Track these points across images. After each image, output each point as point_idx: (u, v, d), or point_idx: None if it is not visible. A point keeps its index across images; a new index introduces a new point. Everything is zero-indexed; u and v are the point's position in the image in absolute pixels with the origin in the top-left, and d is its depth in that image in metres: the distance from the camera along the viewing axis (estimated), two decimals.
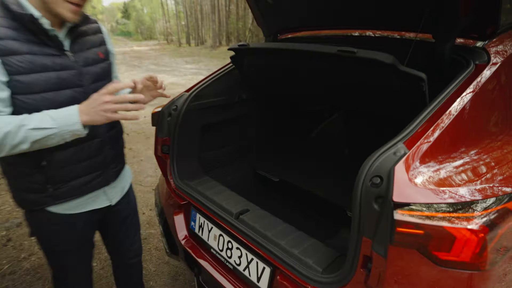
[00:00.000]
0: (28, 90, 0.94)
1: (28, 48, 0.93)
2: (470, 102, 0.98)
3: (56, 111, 0.94)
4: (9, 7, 0.91)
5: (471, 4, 1.07)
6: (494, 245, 0.76)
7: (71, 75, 1.02)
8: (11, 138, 0.87)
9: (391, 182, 0.77)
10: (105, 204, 1.25)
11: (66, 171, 1.07)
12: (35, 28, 0.93)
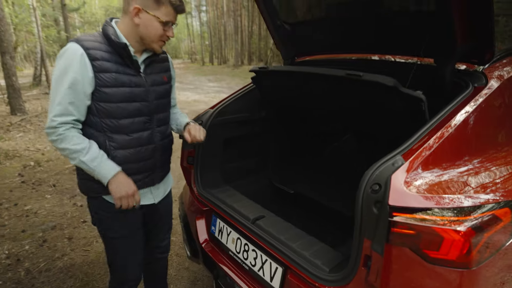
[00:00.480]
0: (108, 100, 1.22)
1: (115, 68, 1.21)
2: (466, 120, 1.09)
3: (105, 161, 1.22)
4: (109, 36, 1.20)
5: (467, 33, 1.19)
6: (480, 247, 0.85)
7: (141, 92, 1.29)
8: (67, 153, 1.20)
9: (388, 188, 0.89)
10: (150, 202, 1.45)
11: (124, 167, 1.28)
12: (124, 53, 1.22)
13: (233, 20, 32.36)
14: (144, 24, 1.21)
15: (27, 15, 12.83)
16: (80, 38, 1.20)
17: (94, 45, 1.19)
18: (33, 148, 5.44)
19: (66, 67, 1.16)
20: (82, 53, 1.16)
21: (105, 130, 1.25)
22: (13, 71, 7.70)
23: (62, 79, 1.16)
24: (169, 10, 1.21)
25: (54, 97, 1.18)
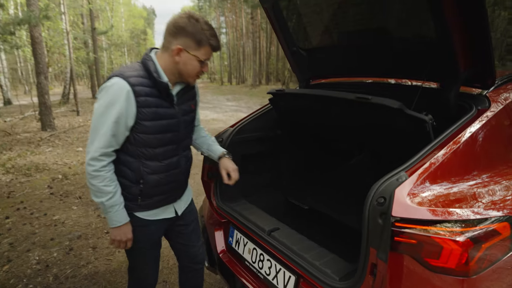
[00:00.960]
0: (147, 131, 1.31)
1: (155, 102, 1.30)
2: (469, 140, 1.17)
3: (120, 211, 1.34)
4: (151, 74, 1.29)
5: (468, 60, 1.29)
6: (478, 257, 0.92)
7: (174, 123, 1.39)
8: (95, 189, 1.29)
9: (391, 201, 0.98)
10: (172, 215, 1.56)
11: (154, 190, 1.41)
12: (162, 89, 1.32)
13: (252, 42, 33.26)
14: (184, 62, 1.30)
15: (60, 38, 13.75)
16: (125, 73, 1.26)
17: (139, 81, 1.27)
18: (61, 162, 5.75)
19: (112, 102, 1.22)
20: (128, 90, 1.23)
21: (140, 157, 1.34)
22: (46, 90, 8.25)
23: (107, 113, 1.23)
24: (208, 50, 1.31)
25: (98, 128, 1.24)
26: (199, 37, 1.26)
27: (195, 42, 1.27)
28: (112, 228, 1.37)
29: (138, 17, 34.57)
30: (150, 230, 1.49)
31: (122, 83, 1.23)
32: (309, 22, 1.93)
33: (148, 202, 1.43)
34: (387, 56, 1.65)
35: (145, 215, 1.45)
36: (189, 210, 1.68)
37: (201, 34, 1.27)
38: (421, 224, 0.95)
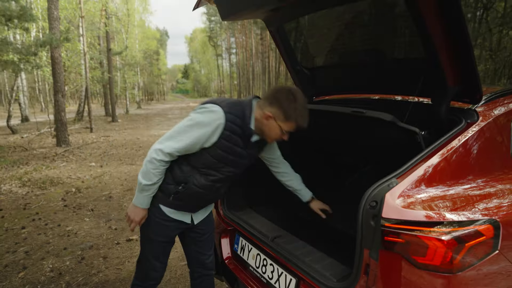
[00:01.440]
0: (214, 156, 1.46)
1: (235, 140, 1.46)
2: (457, 149, 1.27)
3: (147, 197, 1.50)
4: (245, 120, 1.45)
5: (455, 78, 1.40)
6: (462, 256, 0.99)
7: (239, 162, 1.54)
8: (145, 171, 1.45)
9: (382, 204, 1.07)
10: (188, 222, 1.68)
11: (187, 197, 1.55)
12: (246, 134, 1.48)
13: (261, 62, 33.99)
14: (269, 126, 1.47)
15: (78, 58, 14.38)
16: (227, 107, 1.42)
17: (232, 118, 1.42)
18: (74, 176, 5.95)
19: (204, 124, 1.39)
20: (221, 123, 1.40)
21: (195, 169, 1.50)
22: (62, 107, 8.60)
23: (195, 129, 1.40)
24: (292, 126, 1.46)
25: (180, 133, 1.41)
26: (289, 113, 1.42)
27: (284, 116, 1.43)
28: (133, 205, 1.53)
29: (151, 39, 35.83)
30: (168, 226, 1.62)
31: (221, 115, 1.40)
32: (311, 44, 2.08)
33: (175, 203, 1.57)
34: (383, 75, 1.77)
35: (168, 211, 1.59)
36: (207, 221, 1.79)
37: (292, 111, 1.42)
38: (409, 225, 1.03)
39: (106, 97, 19.97)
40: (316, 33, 2.01)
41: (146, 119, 18.70)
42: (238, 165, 1.55)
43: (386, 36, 1.67)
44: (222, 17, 1.82)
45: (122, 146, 9.34)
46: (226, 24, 48.13)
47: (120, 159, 7.45)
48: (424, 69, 1.47)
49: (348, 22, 1.76)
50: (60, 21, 8.58)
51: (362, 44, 1.83)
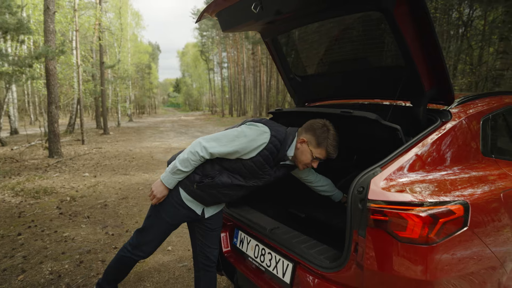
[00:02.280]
0: (245, 165, 1.63)
1: (267, 158, 1.64)
2: (433, 143, 1.44)
3: (176, 179, 1.67)
4: (285, 146, 1.65)
5: (430, 83, 1.59)
6: (436, 230, 1.15)
7: (263, 177, 1.71)
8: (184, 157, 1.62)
9: (368, 189, 1.23)
10: (199, 213, 1.81)
11: (206, 189, 1.70)
12: (280, 156, 1.65)
13: (253, 76, 34.47)
14: (302, 151, 1.66)
15: (70, 71, 14.45)
16: (274, 131, 1.63)
17: (275, 142, 1.63)
18: (68, 186, 5.96)
19: (250, 139, 1.58)
20: (264, 143, 1.59)
21: (225, 170, 1.68)
22: (56, 118, 8.63)
23: (239, 140, 1.58)
24: (323, 152, 1.65)
25: (222, 141, 1.59)
26: (321, 140, 1.63)
27: (317, 142, 1.63)
28: (161, 181, 1.69)
29: (143, 53, 36.17)
30: (179, 211, 1.75)
31: (267, 137, 1.60)
32: (303, 54, 2.27)
33: (195, 191, 1.72)
34: (368, 81, 1.97)
35: (184, 197, 1.74)
36: (217, 218, 1.92)
37: (323, 139, 1.62)
38: (392, 205, 1.19)
39: (97, 110, 19.95)
40: (307, 44, 2.20)
41: (137, 131, 18.70)
42: (263, 180, 1.74)
43: (370, 47, 1.87)
44: (222, 29, 2.00)
45: (115, 157, 9.35)
46: (218, 39, 48.91)
47: (113, 170, 7.48)
48: (403, 76, 1.66)
49: (336, 34, 1.96)
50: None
51: (349, 54, 2.02)
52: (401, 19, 1.41)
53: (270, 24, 1.98)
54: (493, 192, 1.42)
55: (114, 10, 22.94)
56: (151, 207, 1.82)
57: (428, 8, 1.37)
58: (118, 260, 1.92)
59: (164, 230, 1.82)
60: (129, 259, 1.87)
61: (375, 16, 1.62)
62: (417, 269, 1.15)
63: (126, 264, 1.91)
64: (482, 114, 1.74)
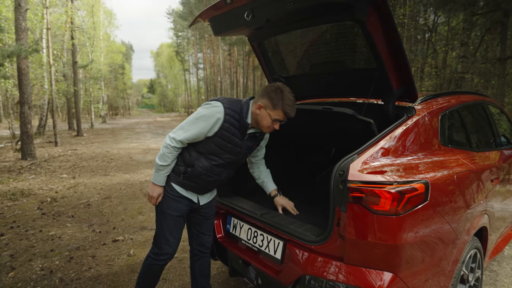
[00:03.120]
0: (217, 144, 1.79)
1: (233, 131, 1.78)
2: (400, 134, 1.70)
3: (163, 176, 1.83)
4: (242, 114, 1.78)
5: (398, 83, 1.86)
6: (403, 203, 1.40)
7: (236, 150, 1.85)
8: (161, 154, 1.78)
9: (347, 172, 1.46)
10: (195, 201, 1.96)
11: (193, 178, 1.85)
12: (243, 128, 1.80)
13: (229, 77, 34.56)
14: (261, 116, 1.78)
15: (41, 71, 13.94)
16: (227, 104, 1.75)
17: (231, 113, 1.75)
18: (46, 188, 5.86)
19: (206, 116, 1.72)
20: (220, 118, 1.72)
21: (201, 154, 1.82)
22: (29, 119, 8.38)
23: (200, 121, 1.72)
24: (280, 114, 1.75)
25: (188, 126, 1.74)
26: (276, 102, 1.74)
27: (272, 103, 1.75)
28: (152, 183, 1.85)
29: (117, 52, 35.25)
30: (179, 202, 1.90)
31: (221, 109, 1.73)
32: (287, 56, 2.49)
33: (184, 182, 1.87)
34: (345, 81, 2.22)
35: (179, 189, 1.88)
36: (210, 206, 2.07)
37: (279, 101, 1.74)
38: (367, 184, 1.42)
39: (69, 111, 19.31)
40: (291, 47, 2.42)
41: (113, 133, 18.29)
42: (236, 153, 1.87)
43: (346, 51, 2.12)
44: (214, 34, 2.18)
45: (92, 159, 9.20)
46: (193, 40, 48.51)
47: (92, 171, 7.39)
48: (375, 76, 1.92)
49: (316, 39, 2.20)
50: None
51: (327, 57, 2.27)
52: (372, 28, 1.66)
53: (258, 30, 2.18)
54: (449, 174, 1.70)
55: (86, 8, 22.27)
56: (156, 211, 1.94)
57: (393, 18, 1.63)
58: (146, 271, 1.99)
59: (175, 225, 1.92)
60: (157, 266, 1.97)
61: (350, 25, 1.87)
62: (388, 235, 1.39)
63: (155, 272, 1.99)
64: (441, 110, 2.04)
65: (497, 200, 2.29)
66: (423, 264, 1.51)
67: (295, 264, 1.68)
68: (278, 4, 1.68)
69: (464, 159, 1.98)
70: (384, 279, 1.43)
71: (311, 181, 3.09)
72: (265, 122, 1.79)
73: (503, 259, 3.12)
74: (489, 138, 2.70)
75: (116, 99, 39.85)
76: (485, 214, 2.04)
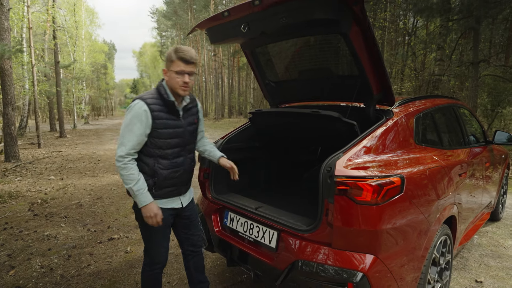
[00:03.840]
0: (159, 137, 1.84)
1: (165, 115, 1.82)
2: (380, 135, 1.93)
3: (144, 194, 1.79)
4: (162, 95, 1.83)
5: (377, 88, 2.09)
6: (382, 194, 1.62)
7: (180, 131, 1.91)
8: (124, 178, 1.77)
9: (334, 168, 1.67)
10: (179, 206, 2.04)
11: (164, 182, 1.91)
12: (170, 106, 1.86)
13: (215, 77, 34.51)
14: (169, 78, 1.80)
15: (22, 71, 13.63)
16: (144, 96, 1.78)
17: (153, 101, 1.77)
18: (34, 190, 5.84)
19: (135, 118, 1.73)
20: (146, 109, 1.74)
21: (155, 156, 1.83)
22: (12, 120, 8.25)
23: (132, 126, 1.73)
24: (178, 62, 1.75)
25: (125, 137, 1.74)
26: (169, 57, 1.78)
27: (169, 60, 1.79)
28: (142, 207, 1.80)
29: (99, 52, 34.58)
30: (163, 214, 1.90)
31: (141, 103, 1.76)
32: (277, 63, 2.70)
33: (160, 192, 1.89)
34: (330, 86, 2.44)
35: (158, 203, 1.88)
36: (191, 207, 2.15)
37: (172, 54, 1.77)
38: (352, 178, 1.64)
39: (51, 112, 18.90)
40: (281, 55, 2.63)
41: (97, 134, 18.05)
42: (181, 134, 1.90)
43: (331, 59, 2.34)
44: (211, 42, 2.36)
45: (78, 160, 9.13)
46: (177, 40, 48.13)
47: (80, 172, 7.38)
48: (358, 82, 2.14)
49: (304, 48, 2.41)
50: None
51: (315, 64, 2.48)
52: (354, 39, 1.88)
53: (251, 39, 2.37)
54: (422, 169, 1.94)
55: (68, 7, 21.83)
56: (140, 228, 1.99)
57: (373, 31, 1.86)
58: (146, 281, 2.08)
59: (163, 237, 1.99)
60: (153, 275, 2.05)
61: (336, 36, 2.08)
62: (369, 222, 1.61)
63: (154, 280, 2.07)
64: (416, 112, 2.29)
65: (465, 193, 2.56)
66: (400, 247, 1.74)
67: (288, 251, 1.87)
68: (272, 18, 1.87)
69: (436, 156, 2.24)
70: (367, 261, 1.65)
71: (300, 177, 3.31)
72: (174, 82, 1.79)
73: (472, 247, 3.44)
74: (459, 137, 2.99)
75: (98, 100, 39.08)
76: (454, 205, 2.30)
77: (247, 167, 2.93)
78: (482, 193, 3.11)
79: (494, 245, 3.48)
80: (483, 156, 3.17)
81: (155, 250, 2.03)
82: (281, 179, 3.25)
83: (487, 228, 3.98)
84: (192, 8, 40.07)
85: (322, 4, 1.71)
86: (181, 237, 2.18)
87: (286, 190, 3.09)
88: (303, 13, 1.75)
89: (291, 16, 1.79)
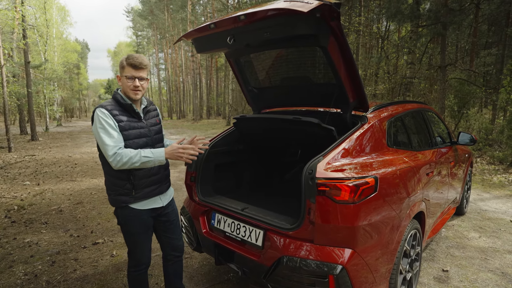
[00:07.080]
0: (127, 138, 1.93)
1: (126, 118, 1.94)
2: (356, 138, 2.11)
3: (154, 150, 1.91)
4: (119, 101, 1.95)
5: (353, 95, 2.27)
6: (358, 194, 1.80)
7: (145, 131, 2.03)
8: (130, 159, 1.81)
9: (315, 170, 1.83)
10: (160, 205, 2.12)
11: (142, 182, 1.99)
12: (129, 109, 1.97)
13: (192, 78, 34.23)
14: (122, 83, 1.94)
15: None
16: (102, 104, 1.91)
17: (112, 107, 1.90)
18: (9, 196, 5.67)
19: (102, 120, 1.84)
20: (107, 113, 1.86)
21: None
22: None
23: (104, 127, 1.83)
24: (128, 69, 1.89)
25: (104, 138, 1.81)
26: (121, 63, 1.93)
27: (120, 67, 1.94)
28: (167, 157, 1.92)
29: (71, 51, 33.42)
30: (142, 218, 2.03)
31: (102, 110, 1.88)
32: (259, 70, 2.83)
33: (140, 193, 1.97)
34: (310, 93, 2.61)
35: (138, 206, 1.99)
36: (172, 209, 2.22)
37: (123, 61, 1.92)
38: (331, 180, 1.80)
39: (21, 114, 18.11)
40: (264, 63, 2.77)
41: (71, 137, 17.49)
42: (147, 134, 2.02)
43: (310, 68, 2.50)
44: (197, 51, 2.46)
45: (54, 164, 8.87)
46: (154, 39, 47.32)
47: (57, 177, 7.20)
48: (335, 89, 2.32)
49: (286, 57, 2.56)
50: None
51: (295, 72, 2.64)
52: (332, 52, 2.05)
53: (235, 49, 2.50)
54: (393, 170, 2.14)
55: (38, 5, 20.98)
56: (123, 233, 2.07)
57: (348, 45, 2.04)
58: (133, 282, 2.15)
59: (145, 239, 2.08)
60: (139, 276, 2.13)
61: (315, 49, 2.25)
62: (347, 219, 1.78)
63: (140, 281, 2.15)
64: (389, 117, 2.50)
65: (432, 190, 2.81)
66: (375, 241, 1.93)
67: (274, 248, 2.01)
68: (257, 33, 2.01)
69: (406, 157, 2.46)
70: (345, 254, 1.82)
71: (282, 178, 3.47)
72: (125, 86, 1.93)
73: (440, 239, 3.73)
74: (427, 139, 3.25)
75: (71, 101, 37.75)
76: (423, 201, 2.53)
77: (232, 170, 3.05)
78: (448, 189, 3.39)
79: (459, 237, 3.79)
80: (448, 155, 3.46)
81: (139, 252, 2.10)
82: (265, 180, 3.40)
83: (453, 221, 4.31)
84: (168, 8, 39.52)
85: (303, 21, 1.86)
86: (162, 241, 2.26)
87: (270, 190, 3.24)
88: (286, 29, 1.90)
89: (275, 31, 1.93)
